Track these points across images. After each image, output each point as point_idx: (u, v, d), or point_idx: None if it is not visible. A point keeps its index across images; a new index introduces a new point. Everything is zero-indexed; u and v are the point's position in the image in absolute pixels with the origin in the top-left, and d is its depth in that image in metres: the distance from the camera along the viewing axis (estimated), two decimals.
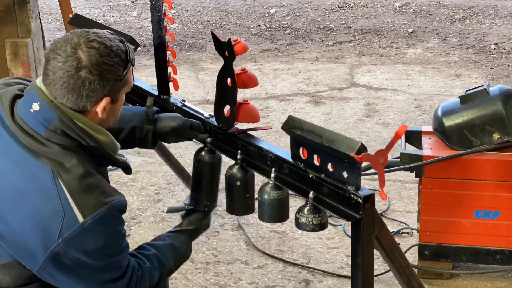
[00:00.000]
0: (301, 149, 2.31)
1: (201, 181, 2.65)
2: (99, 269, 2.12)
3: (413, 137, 3.38)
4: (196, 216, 2.63)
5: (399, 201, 4.01)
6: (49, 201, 2.05)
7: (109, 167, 2.36)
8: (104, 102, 2.13)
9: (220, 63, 2.53)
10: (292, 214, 2.45)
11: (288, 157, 2.38)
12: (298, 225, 2.36)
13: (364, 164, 2.21)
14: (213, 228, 2.67)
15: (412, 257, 3.39)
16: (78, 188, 2.07)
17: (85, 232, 2.06)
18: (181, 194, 4.08)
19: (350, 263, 2.37)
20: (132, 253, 2.31)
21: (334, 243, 3.62)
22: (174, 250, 2.43)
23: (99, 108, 2.14)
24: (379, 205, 3.82)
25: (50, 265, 2.07)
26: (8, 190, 2.10)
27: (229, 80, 2.50)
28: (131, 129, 2.54)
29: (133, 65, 2.21)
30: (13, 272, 2.13)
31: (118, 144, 2.29)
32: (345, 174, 2.18)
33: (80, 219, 2.05)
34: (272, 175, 2.43)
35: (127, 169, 2.34)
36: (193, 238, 2.58)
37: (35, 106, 2.10)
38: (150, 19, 4.10)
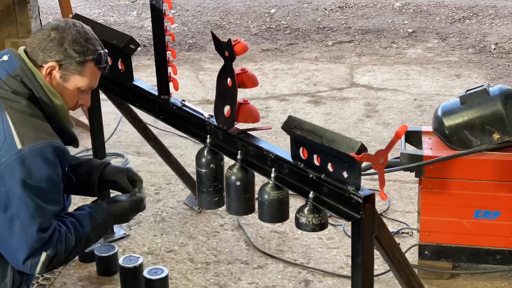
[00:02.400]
0: (301, 149, 2.32)
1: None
2: (27, 207, 2.27)
3: (413, 137, 3.38)
4: (125, 203, 2.65)
5: (399, 201, 4.01)
6: None
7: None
8: (51, 64, 2.39)
9: (220, 63, 2.53)
10: (292, 214, 2.45)
11: (288, 157, 2.38)
12: (298, 225, 2.36)
13: (364, 164, 2.21)
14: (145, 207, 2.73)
15: (412, 257, 3.39)
16: (21, 121, 2.30)
17: (21, 160, 2.24)
18: (181, 194, 4.08)
19: (350, 263, 2.37)
20: None
21: (334, 243, 3.62)
22: (92, 218, 2.50)
23: (45, 68, 2.39)
24: (379, 205, 3.82)
25: None
26: None
27: (229, 80, 2.50)
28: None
29: (98, 65, 2.46)
30: None
31: (72, 121, 2.52)
32: (345, 174, 2.19)
33: (19, 146, 2.25)
34: (272, 175, 2.44)
35: (74, 141, 2.55)
36: (117, 211, 2.60)
37: (5, 58, 2.42)
38: (150, 19, 4.10)
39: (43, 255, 2.32)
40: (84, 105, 2.55)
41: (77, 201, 3.33)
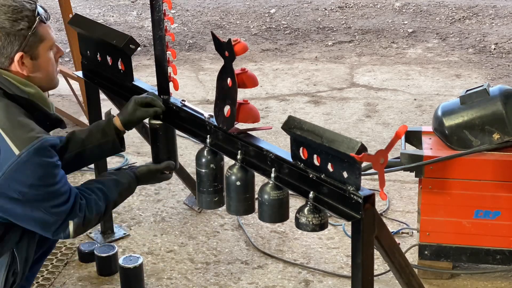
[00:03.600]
0: (301, 149, 2.32)
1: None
2: (42, 198, 2.35)
3: (413, 137, 3.38)
4: (153, 167, 2.79)
5: (399, 201, 4.01)
6: None
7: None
8: (17, 57, 2.36)
9: (220, 63, 2.53)
10: (292, 214, 2.45)
11: (288, 157, 2.38)
12: (298, 225, 2.36)
13: (364, 164, 2.21)
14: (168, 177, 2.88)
15: (412, 257, 3.39)
16: (9, 125, 2.30)
17: (23, 164, 2.28)
18: (181, 194, 4.08)
19: (350, 263, 2.37)
20: (77, 187, 2.52)
21: (334, 243, 3.62)
22: (118, 184, 2.62)
23: (14, 65, 2.37)
24: (379, 205, 3.82)
25: None
26: None
27: (229, 80, 2.50)
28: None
29: (43, 21, 2.41)
30: None
31: (51, 102, 2.52)
32: (345, 174, 2.19)
33: (16, 151, 2.28)
34: (272, 175, 2.43)
35: (61, 123, 2.57)
36: (142, 181, 2.75)
37: None
38: (150, 19, 4.10)
39: (71, 224, 2.42)
40: (60, 55, 2.54)
41: None
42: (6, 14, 2.33)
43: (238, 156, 2.56)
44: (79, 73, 3.44)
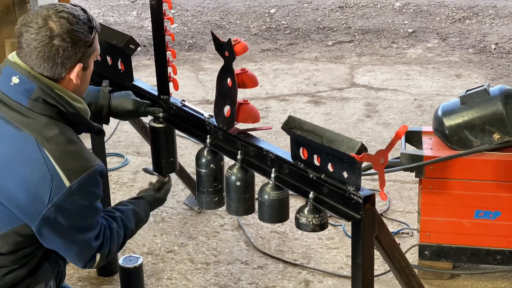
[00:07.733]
0: (301, 149, 2.31)
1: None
2: (81, 230, 2.30)
3: (413, 137, 3.38)
4: (154, 195, 2.77)
5: (399, 201, 4.01)
6: (37, 169, 2.20)
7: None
8: (77, 68, 2.28)
9: (220, 63, 2.53)
10: (292, 214, 2.45)
11: (288, 157, 2.38)
12: (298, 225, 2.36)
13: (364, 164, 2.21)
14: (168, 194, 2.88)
15: (412, 257, 3.39)
16: (62, 155, 2.21)
17: (72, 196, 2.21)
18: (181, 194, 4.08)
19: (350, 263, 2.37)
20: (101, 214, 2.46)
21: (334, 243, 3.61)
22: (135, 214, 2.58)
23: (73, 75, 2.29)
24: (379, 205, 3.82)
25: (43, 228, 2.23)
26: None
27: (229, 80, 2.50)
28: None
29: (97, 31, 2.37)
30: (10, 241, 2.28)
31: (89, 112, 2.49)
32: (345, 174, 2.18)
33: (67, 183, 2.20)
34: (272, 175, 2.43)
35: (101, 133, 2.55)
36: (152, 202, 2.75)
37: (15, 79, 2.24)
38: (150, 19, 4.10)
39: (98, 256, 2.39)
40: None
41: None
42: (73, 25, 2.24)
43: (238, 156, 2.55)
44: None
